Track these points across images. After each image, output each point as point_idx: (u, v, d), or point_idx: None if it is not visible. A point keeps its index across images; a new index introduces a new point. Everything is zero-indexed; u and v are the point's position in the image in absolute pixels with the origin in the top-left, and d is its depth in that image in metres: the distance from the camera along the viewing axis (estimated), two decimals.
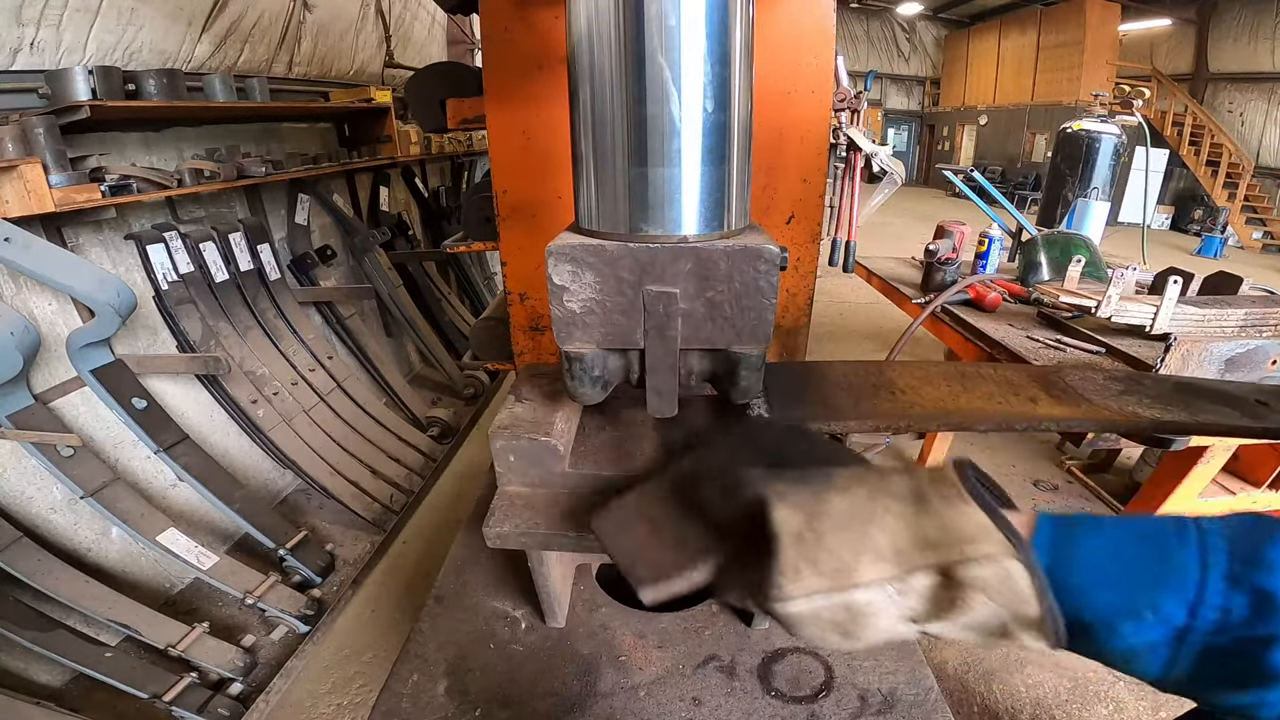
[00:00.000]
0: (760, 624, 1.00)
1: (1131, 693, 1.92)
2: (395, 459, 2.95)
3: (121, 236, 2.30)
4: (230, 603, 2.21)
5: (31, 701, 1.66)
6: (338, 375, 3.00)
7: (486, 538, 0.78)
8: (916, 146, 19.95)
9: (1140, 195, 4.78)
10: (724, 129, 0.66)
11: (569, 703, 0.89)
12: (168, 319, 2.38)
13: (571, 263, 0.67)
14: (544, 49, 1.18)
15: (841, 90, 1.35)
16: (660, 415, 0.76)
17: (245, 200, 2.96)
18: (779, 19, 1.16)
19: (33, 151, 1.83)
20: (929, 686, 0.90)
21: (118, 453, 2.20)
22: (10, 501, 1.88)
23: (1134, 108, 3.25)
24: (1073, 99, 13.08)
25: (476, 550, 1.17)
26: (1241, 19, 11.71)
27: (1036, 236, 2.62)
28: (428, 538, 2.63)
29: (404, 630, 1.37)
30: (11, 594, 1.74)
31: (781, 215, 1.29)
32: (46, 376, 2.01)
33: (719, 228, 0.70)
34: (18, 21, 2.03)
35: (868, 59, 18.04)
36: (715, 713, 0.87)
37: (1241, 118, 12.10)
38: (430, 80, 1.75)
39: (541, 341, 1.43)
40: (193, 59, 2.73)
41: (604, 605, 1.06)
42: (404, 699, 0.89)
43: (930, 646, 1.99)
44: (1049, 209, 3.35)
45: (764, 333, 0.70)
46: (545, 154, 1.25)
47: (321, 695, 1.93)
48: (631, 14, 0.61)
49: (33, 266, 1.79)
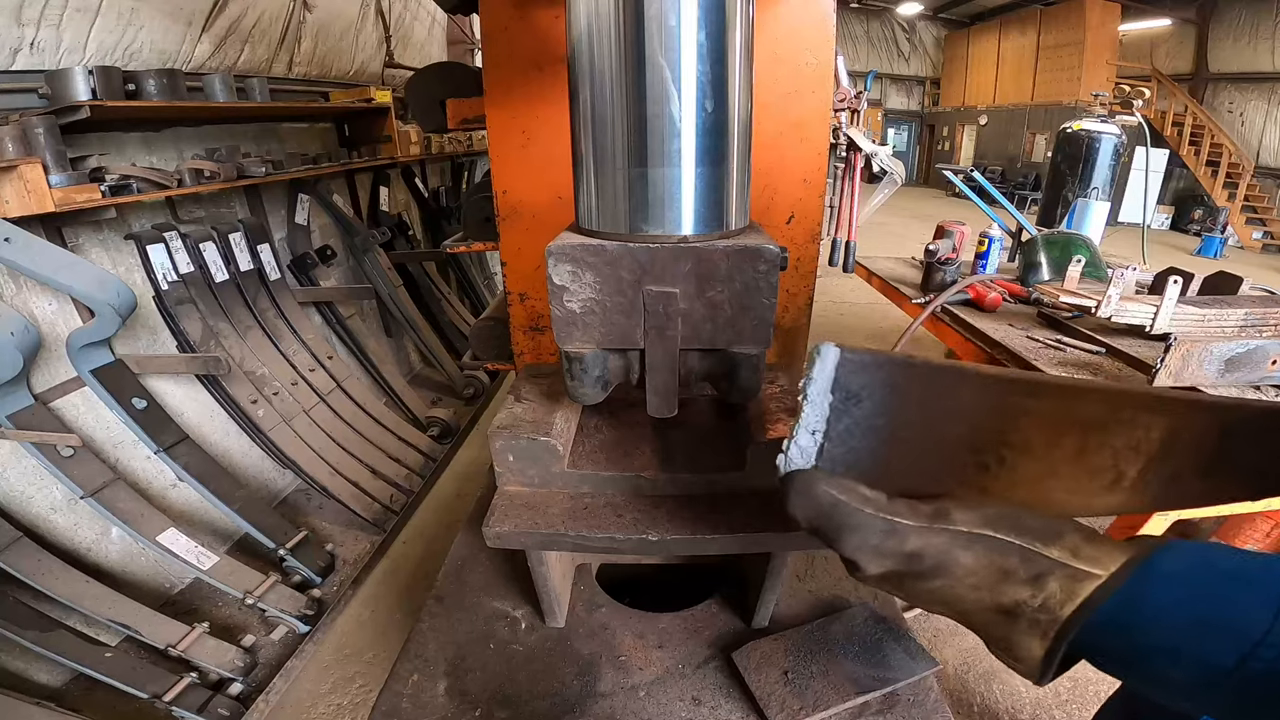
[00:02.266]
0: (760, 623, 1.00)
1: None
2: (395, 459, 2.95)
3: (121, 236, 2.30)
4: (230, 603, 2.21)
5: (31, 701, 1.66)
6: (338, 375, 3.00)
7: (486, 538, 0.78)
8: (916, 146, 19.94)
9: (1140, 195, 4.78)
10: (724, 129, 0.66)
11: (569, 703, 0.89)
12: (168, 319, 2.38)
13: (571, 263, 0.67)
14: (544, 49, 1.18)
15: (841, 90, 1.35)
16: (660, 415, 0.76)
17: (245, 200, 2.96)
18: (779, 19, 1.16)
19: (33, 151, 1.83)
20: (929, 686, 0.90)
21: (118, 453, 2.20)
22: (10, 501, 1.88)
23: (1134, 108, 3.25)
24: (1073, 99, 13.08)
25: (476, 550, 1.17)
26: (1241, 19, 11.71)
27: (1036, 236, 2.62)
28: (428, 538, 2.63)
29: (404, 630, 1.37)
30: (11, 594, 1.74)
31: (781, 215, 1.29)
32: (46, 376, 2.01)
33: (719, 228, 0.70)
34: (18, 21, 2.03)
35: (868, 59, 18.04)
36: (715, 713, 0.87)
37: (1241, 118, 12.10)
38: (430, 80, 1.75)
39: (541, 341, 1.43)
40: (193, 59, 2.73)
41: (604, 605, 1.06)
42: (404, 699, 0.89)
43: (930, 646, 1.99)
44: (1049, 209, 3.35)
45: (764, 333, 0.70)
46: (545, 154, 1.25)
47: (321, 695, 1.93)
48: (631, 14, 0.61)
49: (33, 266, 1.79)
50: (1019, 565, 0.47)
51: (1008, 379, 0.55)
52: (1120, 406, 0.52)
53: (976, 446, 0.56)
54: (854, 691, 0.85)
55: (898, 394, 0.56)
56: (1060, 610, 0.46)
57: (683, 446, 0.89)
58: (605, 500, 0.83)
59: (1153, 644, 0.43)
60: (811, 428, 0.57)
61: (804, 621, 0.98)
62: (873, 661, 0.90)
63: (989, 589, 0.48)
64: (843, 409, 0.56)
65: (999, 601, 0.48)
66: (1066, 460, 0.54)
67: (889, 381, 0.56)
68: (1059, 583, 0.46)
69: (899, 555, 0.50)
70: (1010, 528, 0.49)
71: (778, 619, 1.01)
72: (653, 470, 0.84)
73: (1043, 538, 0.48)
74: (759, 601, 0.97)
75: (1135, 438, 0.52)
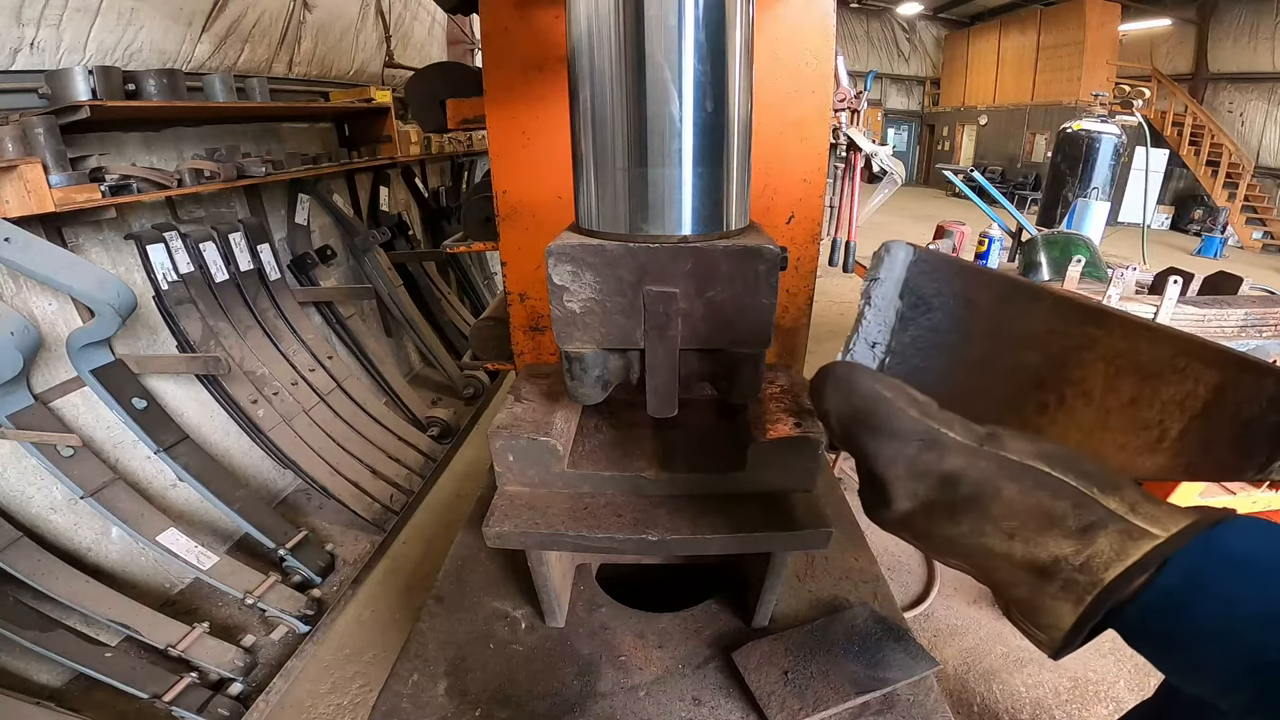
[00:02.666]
0: (760, 623, 1.00)
1: (1132, 692, 1.92)
2: (395, 459, 2.95)
3: (121, 236, 2.30)
4: (230, 603, 2.21)
5: (31, 701, 1.66)
6: (338, 375, 3.00)
7: (486, 537, 0.78)
8: (916, 146, 19.94)
9: (1140, 195, 4.78)
10: (724, 129, 0.66)
11: (569, 703, 0.89)
12: (168, 319, 2.38)
13: (571, 263, 0.67)
14: (544, 49, 1.18)
15: (841, 90, 1.35)
16: (660, 415, 0.76)
17: (245, 200, 2.96)
18: (779, 19, 1.16)
19: (33, 151, 1.83)
20: (929, 686, 0.90)
21: (118, 453, 2.20)
22: (10, 501, 1.88)
23: (1134, 108, 3.25)
24: (1073, 99, 13.08)
25: (476, 550, 1.17)
26: (1241, 19, 11.71)
27: (1036, 236, 2.62)
28: (428, 538, 2.63)
29: (404, 630, 1.37)
30: (11, 594, 1.74)
31: (781, 215, 1.29)
32: (47, 376, 2.01)
33: (719, 228, 0.70)
34: (18, 21, 2.03)
35: (868, 59, 18.03)
36: (715, 713, 0.87)
37: (1241, 118, 12.10)
38: (430, 80, 1.75)
39: (541, 341, 1.43)
40: (193, 59, 2.73)
41: (604, 605, 1.06)
42: (404, 699, 0.89)
43: (930, 646, 1.99)
44: (1049, 209, 3.35)
45: (764, 333, 0.70)
46: (545, 154, 1.25)
47: (321, 695, 1.93)
48: (631, 14, 0.61)
49: (33, 266, 1.79)
50: (1069, 511, 0.41)
51: (1080, 304, 0.52)
52: (1179, 352, 0.49)
53: (1041, 380, 0.51)
54: (854, 691, 0.85)
55: (971, 307, 0.51)
56: (1103, 573, 0.40)
57: (683, 446, 0.89)
58: (605, 500, 0.83)
59: (1208, 629, 0.38)
60: (872, 338, 0.51)
61: (804, 621, 0.98)
62: (873, 661, 0.90)
63: (1025, 538, 0.42)
64: (910, 317, 0.51)
65: (1034, 556, 0.42)
66: (1120, 409, 0.51)
67: (963, 292, 0.50)
68: (1109, 539, 0.40)
69: (934, 476, 0.44)
70: (1067, 467, 0.43)
71: (778, 619, 1.01)
72: (653, 470, 0.84)
73: (1100, 484, 0.42)
74: (759, 601, 0.97)
75: (1184, 390, 0.49)
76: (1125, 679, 1.97)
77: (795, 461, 0.79)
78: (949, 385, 0.52)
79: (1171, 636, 0.39)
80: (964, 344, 0.51)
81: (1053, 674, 1.99)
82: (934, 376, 0.52)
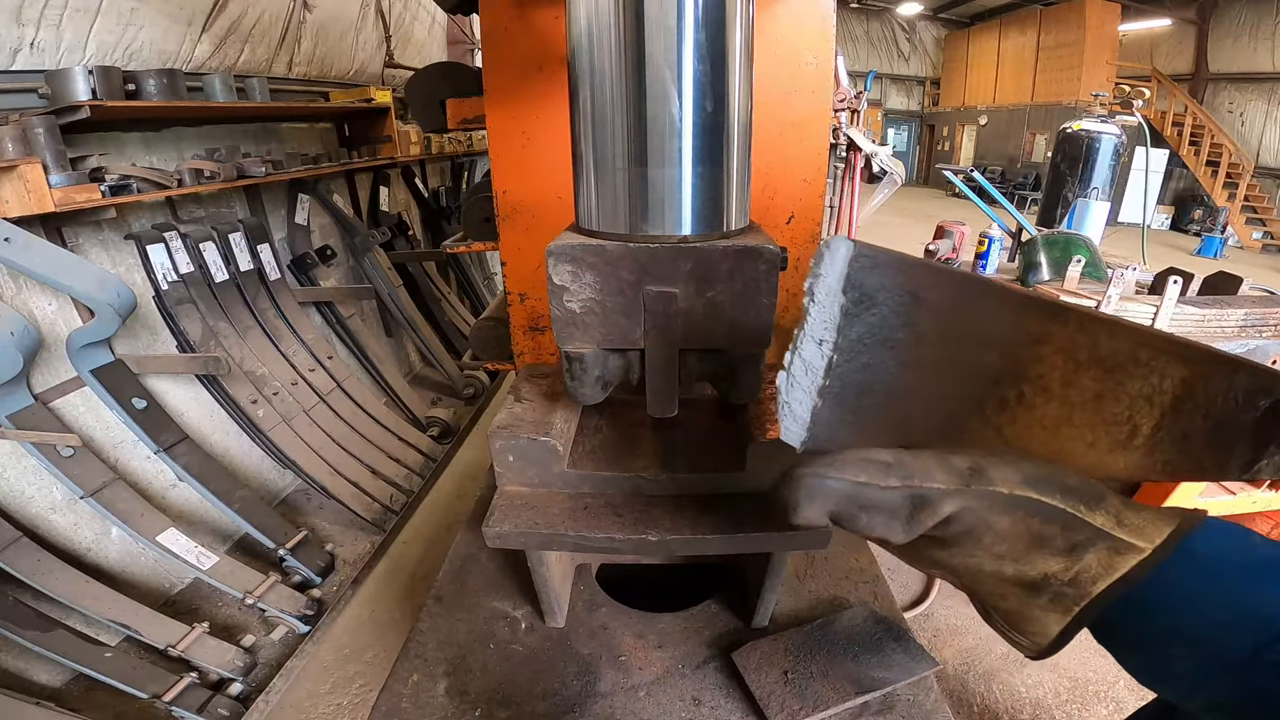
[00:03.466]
0: (760, 623, 1.00)
1: (1131, 693, 1.92)
2: (395, 459, 2.95)
3: (121, 236, 2.30)
4: (230, 603, 2.21)
5: (31, 701, 1.66)
6: (338, 375, 3.00)
7: (486, 538, 0.78)
8: (916, 146, 19.94)
9: (1140, 195, 4.78)
10: (724, 129, 0.66)
11: (569, 703, 0.89)
12: (168, 319, 2.38)
13: (571, 263, 0.67)
14: (544, 49, 1.18)
15: (841, 90, 1.35)
16: (660, 415, 0.76)
17: (245, 200, 2.96)
18: (779, 19, 1.16)
19: (33, 151, 1.83)
20: (929, 686, 0.90)
21: (118, 453, 2.20)
22: (10, 501, 1.88)
23: (1134, 108, 3.26)
24: (1073, 99, 13.09)
25: (476, 550, 1.17)
26: (1241, 19, 11.72)
27: (1036, 236, 2.62)
28: (428, 538, 2.63)
29: (404, 630, 1.37)
30: (11, 594, 1.74)
31: (781, 215, 1.29)
32: (46, 376, 2.01)
33: (719, 228, 0.70)
34: (18, 21, 2.03)
35: (868, 59, 18.03)
36: (715, 713, 0.87)
37: (1241, 118, 12.10)
38: (430, 80, 1.75)
39: (541, 341, 1.43)
40: (193, 59, 2.73)
41: (604, 605, 1.06)
42: (404, 699, 0.89)
43: (930, 646, 1.99)
44: (1049, 209, 3.36)
45: (764, 333, 0.70)
46: (545, 154, 1.25)
47: (321, 695, 1.93)
48: (631, 14, 0.61)
49: (33, 266, 1.79)
50: (1059, 533, 0.42)
51: (1035, 299, 0.51)
52: (1140, 344, 0.49)
53: (999, 376, 0.51)
54: (854, 691, 0.85)
55: (920, 304, 0.50)
56: (1091, 586, 0.41)
57: (683, 446, 0.89)
58: (605, 500, 0.83)
59: (1174, 628, 0.39)
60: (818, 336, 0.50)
61: (804, 621, 0.98)
62: (873, 661, 0.90)
63: (1016, 559, 0.43)
64: (855, 313, 0.49)
65: (1023, 574, 0.43)
66: (1084, 404, 0.50)
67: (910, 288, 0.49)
68: (1097, 556, 0.41)
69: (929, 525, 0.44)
70: (1054, 488, 0.43)
71: (778, 619, 1.01)
72: (653, 470, 0.84)
73: (1086, 500, 0.43)
74: (759, 601, 0.97)
75: (1151, 385, 0.49)
76: (1125, 679, 1.97)
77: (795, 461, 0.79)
78: (910, 386, 0.52)
79: (1143, 639, 0.41)
80: (917, 342, 0.51)
81: (1053, 675, 1.99)
82: (885, 374, 0.52)
